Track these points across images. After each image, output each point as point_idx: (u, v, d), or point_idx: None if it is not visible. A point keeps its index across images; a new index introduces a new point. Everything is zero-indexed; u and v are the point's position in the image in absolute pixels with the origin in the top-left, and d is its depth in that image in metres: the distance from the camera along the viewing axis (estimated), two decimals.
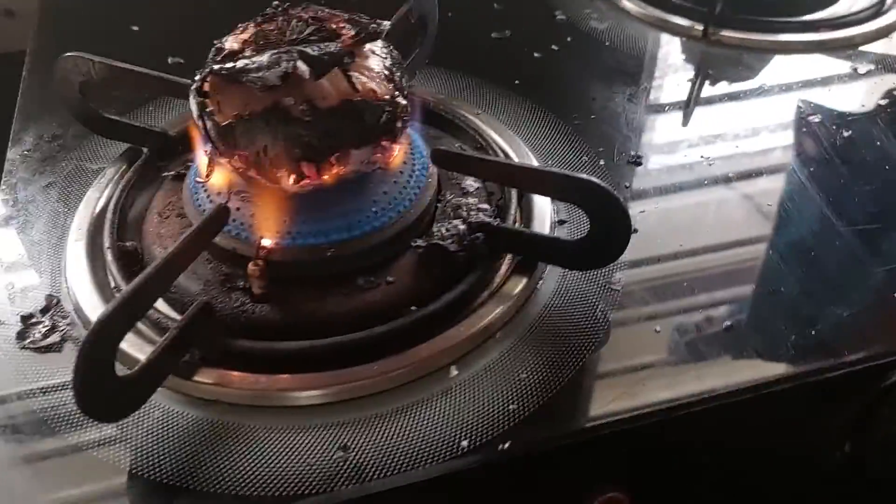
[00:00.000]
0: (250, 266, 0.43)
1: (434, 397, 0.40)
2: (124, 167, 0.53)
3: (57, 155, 0.56)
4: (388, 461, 0.38)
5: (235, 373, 0.41)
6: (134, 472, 0.38)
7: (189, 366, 0.41)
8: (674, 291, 0.46)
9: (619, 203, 0.41)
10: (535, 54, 0.64)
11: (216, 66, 0.41)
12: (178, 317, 0.42)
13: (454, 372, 0.41)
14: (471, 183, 0.50)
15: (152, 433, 0.39)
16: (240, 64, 0.41)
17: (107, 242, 0.46)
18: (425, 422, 0.39)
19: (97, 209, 0.50)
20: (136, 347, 0.41)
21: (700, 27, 0.65)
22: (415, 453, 0.38)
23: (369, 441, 0.39)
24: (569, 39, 0.66)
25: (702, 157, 0.55)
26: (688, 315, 0.44)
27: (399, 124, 0.44)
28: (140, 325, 0.43)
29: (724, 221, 0.51)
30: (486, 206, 0.48)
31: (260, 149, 0.42)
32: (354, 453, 0.38)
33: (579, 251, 0.44)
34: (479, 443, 0.38)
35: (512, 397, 0.40)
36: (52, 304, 0.45)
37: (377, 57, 0.44)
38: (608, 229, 0.42)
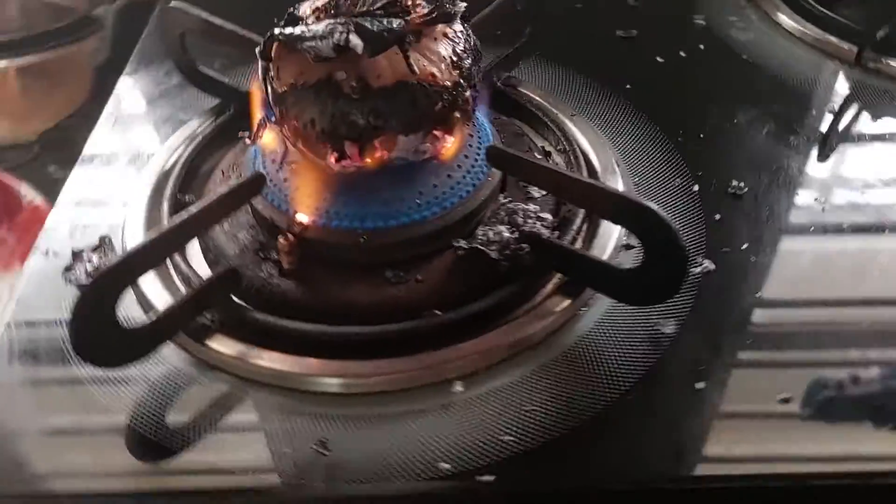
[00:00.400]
0: (280, 239, 0.42)
1: (429, 411, 0.38)
2: (209, 122, 0.54)
3: (157, 101, 0.57)
4: (364, 467, 0.36)
5: (242, 344, 0.40)
6: (130, 423, 0.38)
7: (203, 329, 0.41)
8: (736, 349, 0.40)
9: (676, 236, 0.36)
10: (658, 59, 0.59)
11: (276, 31, 0.40)
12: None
13: (458, 388, 0.38)
14: (535, 191, 0.46)
15: (155, 387, 0.40)
16: (297, 31, 0.39)
17: (167, 193, 0.47)
18: (413, 434, 0.37)
19: (171, 160, 0.51)
20: (160, 299, 0.42)
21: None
22: (393, 464, 0.36)
23: (351, 442, 0.37)
24: (701, 47, 0.60)
25: (818, 199, 0.48)
26: (741, 381, 0.39)
27: (457, 115, 0.41)
28: (175, 278, 0.43)
29: (824, 278, 0.44)
30: (547, 216, 0.44)
31: (308, 121, 0.41)
32: (332, 451, 0.36)
33: (629, 283, 0.39)
34: (461, 469, 0.35)
35: (511, 428, 0.36)
36: (102, 245, 0.46)
37: (448, 41, 0.41)
38: (661, 264, 0.37)
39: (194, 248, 0.45)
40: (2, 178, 0.69)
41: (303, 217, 0.42)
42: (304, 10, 0.42)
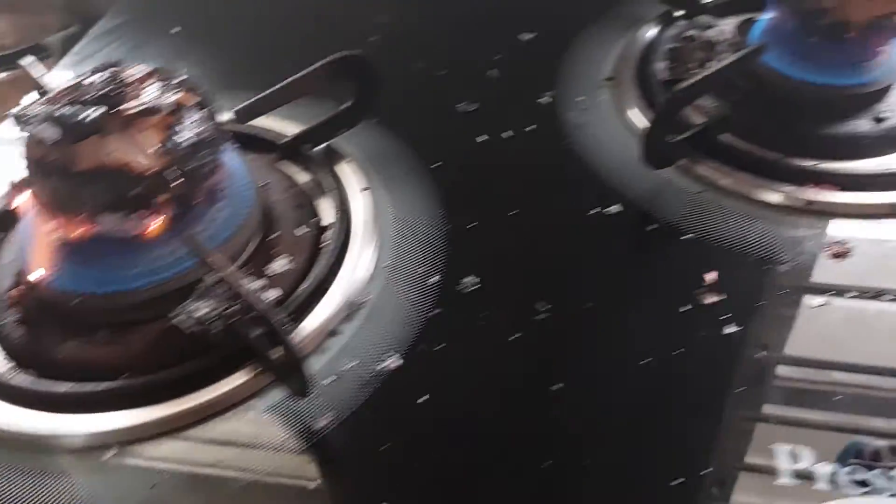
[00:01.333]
0: (10, 290, 0.47)
1: (79, 471, 0.42)
2: None
3: None
4: None
5: None
6: None
7: None
8: (369, 450, 0.41)
9: (290, 344, 0.40)
10: (480, 138, 0.59)
11: (16, 111, 0.45)
12: None
13: (110, 453, 0.42)
14: (280, 266, 0.49)
15: None
16: (28, 111, 0.44)
17: None
18: (53, 491, 0.41)
19: None
20: None
21: None
22: None
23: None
24: (531, 128, 0.59)
25: (542, 306, 0.47)
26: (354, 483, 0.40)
27: (162, 198, 0.44)
28: None
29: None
30: (273, 293, 0.47)
31: (33, 190, 0.45)
32: None
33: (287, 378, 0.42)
34: None
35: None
36: None
37: (162, 129, 0.44)
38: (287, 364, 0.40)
39: None
40: None
41: (33, 274, 0.47)
42: (59, 89, 0.46)
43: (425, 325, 0.46)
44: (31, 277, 0.47)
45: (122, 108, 0.44)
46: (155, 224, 0.45)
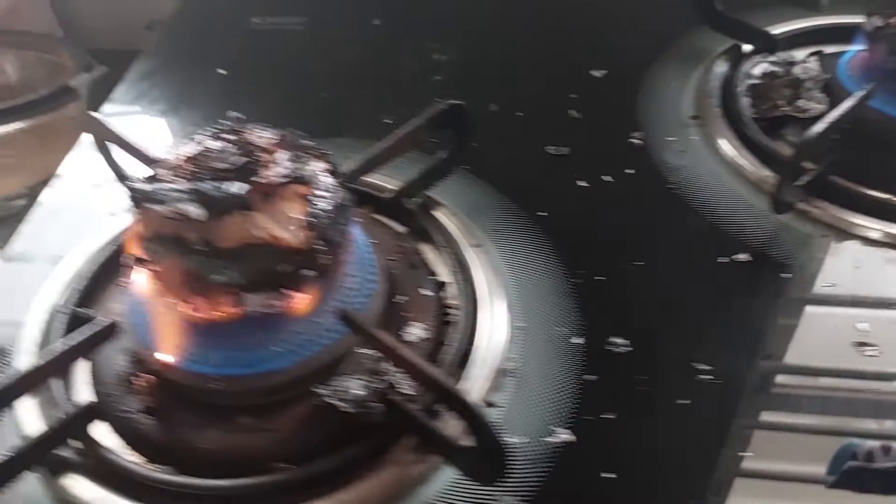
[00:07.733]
0: (135, 378, 0.42)
1: None
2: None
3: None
4: None
5: (94, 485, 0.40)
6: None
7: (61, 464, 0.41)
8: None
9: (488, 429, 0.37)
10: (581, 183, 0.57)
11: (135, 184, 0.41)
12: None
13: None
14: (415, 334, 0.45)
15: None
16: (148, 188, 0.40)
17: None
18: None
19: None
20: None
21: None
22: None
23: None
24: (629, 171, 0.57)
25: (703, 367, 0.45)
26: None
27: (311, 274, 0.41)
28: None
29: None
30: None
31: (164, 270, 0.41)
32: None
33: (464, 457, 0.39)
34: None
35: None
36: None
37: (302, 201, 0.41)
38: (481, 448, 0.38)
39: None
40: None
41: (162, 356, 0.42)
42: (173, 160, 0.42)
43: (582, 392, 0.43)
44: (159, 361, 0.42)
45: (263, 179, 0.40)
46: (299, 298, 0.42)
